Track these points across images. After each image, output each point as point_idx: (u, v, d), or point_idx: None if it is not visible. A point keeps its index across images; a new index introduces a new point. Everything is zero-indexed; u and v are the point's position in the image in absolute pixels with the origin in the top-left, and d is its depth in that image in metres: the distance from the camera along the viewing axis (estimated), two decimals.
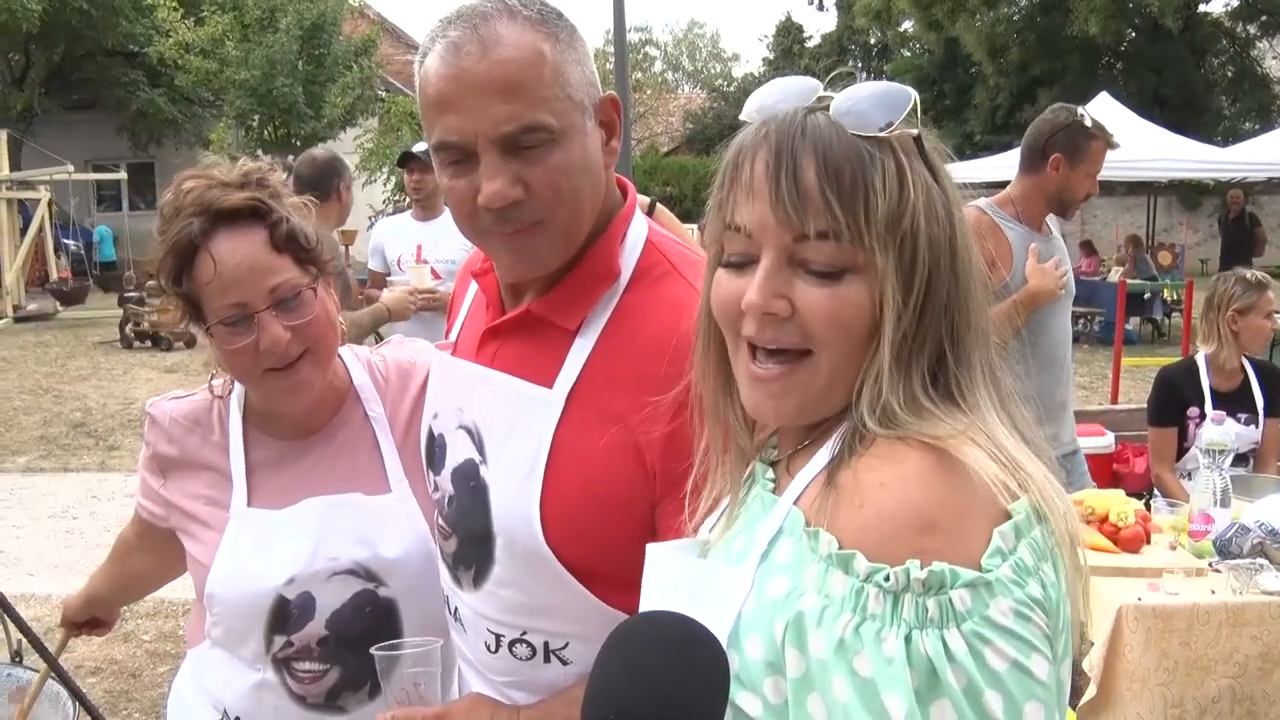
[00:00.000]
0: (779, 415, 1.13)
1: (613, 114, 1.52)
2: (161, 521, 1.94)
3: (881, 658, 0.96)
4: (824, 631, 0.99)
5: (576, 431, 1.47)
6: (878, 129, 1.07)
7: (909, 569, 0.97)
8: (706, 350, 1.22)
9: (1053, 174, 3.88)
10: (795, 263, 1.07)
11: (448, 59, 1.40)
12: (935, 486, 1.00)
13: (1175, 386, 4.67)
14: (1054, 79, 29.21)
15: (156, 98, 26.62)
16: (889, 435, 1.05)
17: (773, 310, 1.07)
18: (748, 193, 1.08)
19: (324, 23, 23.41)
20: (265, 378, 1.77)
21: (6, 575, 6.24)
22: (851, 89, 1.10)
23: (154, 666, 5.09)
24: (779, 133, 1.08)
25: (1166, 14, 26.12)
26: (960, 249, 1.11)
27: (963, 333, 1.10)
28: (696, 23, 67.31)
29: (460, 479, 1.60)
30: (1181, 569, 3.33)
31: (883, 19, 35.57)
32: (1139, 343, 15.15)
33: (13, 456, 9.40)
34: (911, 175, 1.07)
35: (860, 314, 1.06)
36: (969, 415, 1.07)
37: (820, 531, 1.03)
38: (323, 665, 1.79)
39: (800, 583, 1.03)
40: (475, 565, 1.58)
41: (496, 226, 1.44)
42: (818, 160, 1.05)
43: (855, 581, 0.99)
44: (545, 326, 1.53)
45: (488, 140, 1.39)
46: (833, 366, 1.08)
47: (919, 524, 0.99)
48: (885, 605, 0.97)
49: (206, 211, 1.72)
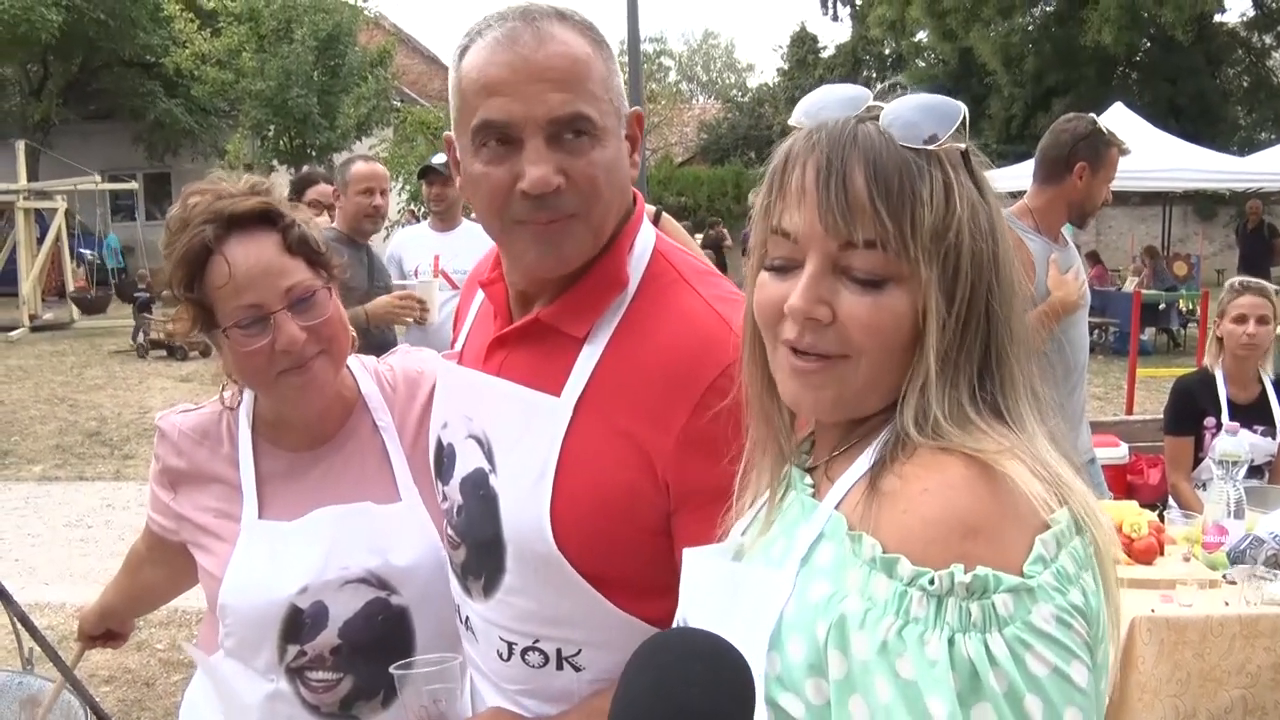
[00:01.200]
0: (817, 406, 1.14)
1: (636, 130, 1.56)
2: (172, 535, 1.95)
3: (924, 660, 0.96)
4: (867, 634, 1.00)
5: (585, 439, 1.47)
6: (925, 141, 1.08)
7: (953, 573, 0.98)
8: (753, 352, 1.23)
9: (1077, 183, 3.88)
10: (839, 270, 1.08)
11: (504, 45, 1.42)
12: (979, 494, 1.01)
13: (1192, 395, 4.63)
14: (1069, 89, 29.16)
15: (173, 108, 26.84)
16: (933, 445, 1.06)
17: (815, 315, 1.08)
18: (797, 198, 1.09)
19: (339, 33, 23.55)
20: (280, 379, 1.78)
21: (21, 584, 6.26)
22: (901, 100, 1.11)
23: (168, 675, 5.10)
24: (829, 140, 1.08)
25: (1178, 26, 26.06)
26: (1003, 264, 1.12)
27: (1005, 346, 1.11)
28: (711, 33, 67.36)
29: (469, 488, 1.60)
30: (1195, 581, 3.31)
31: (897, 29, 35.54)
32: (1154, 353, 15.09)
33: (28, 465, 9.45)
34: (958, 189, 1.08)
35: (900, 324, 1.07)
36: (1013, 430, 1.08)
37: (864, 536, 1.04)
38: (336, 674, 1.80)
39: (842, 586, 1.04)
40: (485, 574, 1.58)
41: (531, 215, 1.44)
42: (867, 169, 1.06)
43: (899, 585, 1.00)
44: (553, 334, 1.53)
45: (537, 125, 1.41)
46: (870, 371, 1.09)
47: (963, 530, 1.00)
48: (929, 609, 0.98)
49: (219, 218, 1.74)
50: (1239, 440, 3.78)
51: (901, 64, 40.22)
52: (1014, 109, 31.44)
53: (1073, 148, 3.88)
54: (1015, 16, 29.88)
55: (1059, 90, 29.52)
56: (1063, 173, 3.88)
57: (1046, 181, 3.90)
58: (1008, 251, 1.13)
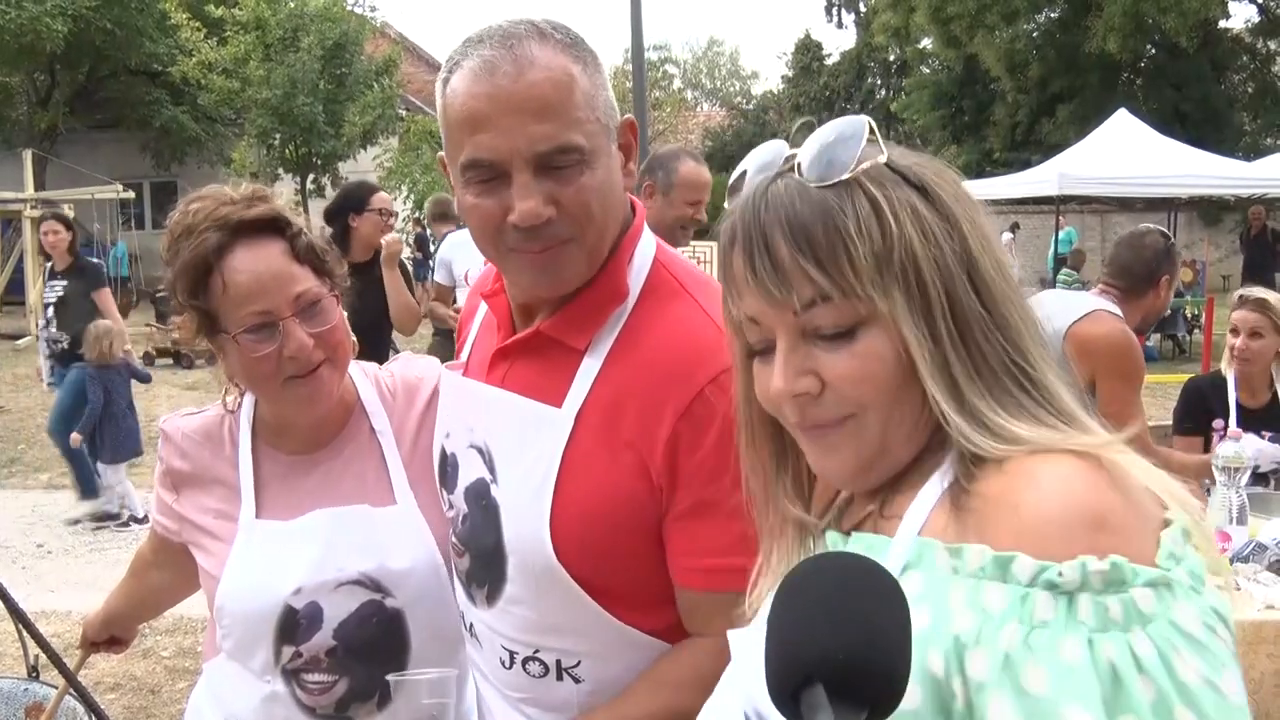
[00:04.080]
0: (841, 472, 1.08)
1: (630, 137, 1.54)
2: (175, 536, 1.97)
3: (1061, 667, 0.86)
4: (984, 650, 0.90)
5: (585, 450, 1.48)
6: (840, 174, 1.02)
7: (1084, 563, 0.88)
8: (751, 440, 1.18)
9: (1162, 294, 4.07)
10: (808, 334, 1.04)
11: (482, 77, 1.40)
12: (1100, 486, 0.92)
13: (1202, 396, 4.62)
14: (1073, 95, 29.19)
15: (179, 116, 26.88)
16: (1021, 451, 0.98)
17: (801, 390, 1.04)
18: (741, 284, 1.06)
19: (345, 42, 23.62)
20: (286, 386, 1.79)
21: (28, 591, 6.27)
22: (808, 143, 1.06)
23: (173, 683, 5.11)
24: (742, 216, 1.06)
25: (1182, 33, 26.07)
26: (977, 257, 1.05)
27: (1018, 340, 1.04)
28: (715, 40, 67.57)
29: (472, 498, 1.62)
30: None
31: (901, 36, 35.58)
32: (1160, 359, 15.07)
33: (35, 473, 9.47)
34: (888, 205, 1.02)
35: (888, 366, 1.02)
36: (1076, 425, 1.01)
37: (964, 547, 0.95)
38: (331, 676, 1.81)
39: (945, 608, 0.93)
40: (489, 583, 1.59)
41: (524, 245, 1.45)
42: (783, 230, 1.02)
43: (1017, 589, 0.90)
44: (554, 347, 1.54)
45: (523, 159, 1.40)
46: (881, 421, 1.04)
47: (1090, 520, 0.90)
48: (1059, 609, 0.88)
49: (225, 225, 1.75)
50: (1241, 446, 3.77)
51: (906, 70, 40.28)
52: (1019, 115, 31.45)
53: (1157, 264, 4.06)
54: (1019, 23, 29.91)
55: (1063, 97, 29.54)
56: (1147, 288, 4.05)
57: (1131, 294, 4.06)
58: (982, 240, 1.06)
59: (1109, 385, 3.77)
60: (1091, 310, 3.89)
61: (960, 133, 34.56)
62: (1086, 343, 3.81)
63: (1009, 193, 19.87)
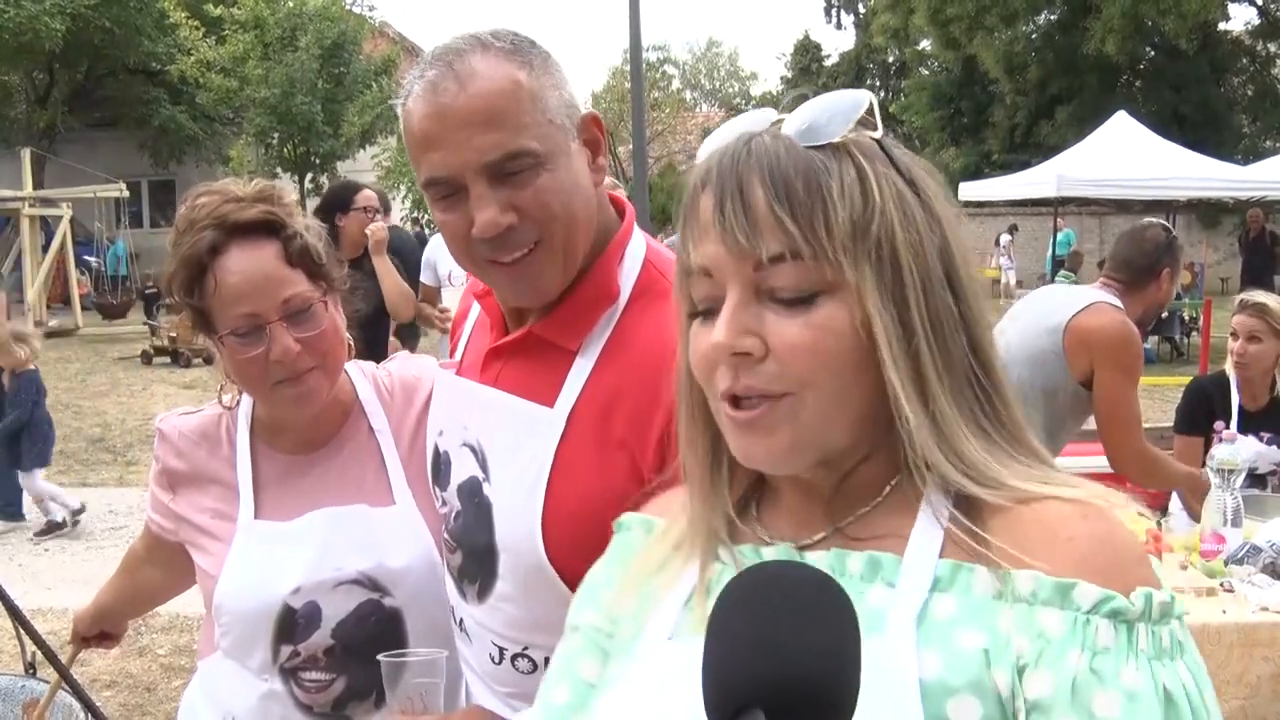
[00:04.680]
0: (772, 456, 1.01)
1: (595, 131, 1.55)
2: (171, 535, 1.97)
3: (1125, 693, 0.88)
4: (1045, 672, 0.90)
5: (577, 450, 1.49)
6: (831, 138, 0.99)
7: (1149, 594, 0.91)
8: (692, 419, 1.10)
9: (1164, 287, 4.05)
10: (762, 294, 0.97)
11: (427, 97, 1.44)
12: (1124, 526, 0.97)
13: (1206, 396, 4.62)
14: (1072, 97, 29.22)
15: (177, 115, 26.92)
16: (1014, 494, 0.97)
17: (742, 348, 0.97)
18: (703, 231, 1.00)
19: (344, 42, 23.64)
20: (275, 389, 1.79)
21: (24, 589, 6.27)
22: (804, 105, 1.02)
23: (168, 680, 5.12)
24: (720, 161, 1.00)
25: (1181, 35, 26.09)
26: (956, 257, 1.02)
27: (987, 350, 1.02)
28: (715, 41, 67.40)
29: (465, 495, 1.62)
30: (1192, 589, 3.32)
31: (900, 37, 35.63)
32: (1157, 362, 15.08)
33: None
34: (875, 179, 0.98)
35: (843, 343, 0.96)
36: (1029, 457, 1.01)
37: (1015, 573, 0.93)
38: (329, 675, 1.81)
39: (996, 630, 0.92)
40: (480, 579, 1.60)
41: (493, 254, 1.47)
42: (763, 178, 0.96)
43: (1076, 614, 0.91)
44: (547, 347, 1.55)
45: (474, 171, 1.42)
46: (821, 404, 0.98)
47: (1139, 553, 0.94)
48: (1120, 636, 0.90)
49: (222, 224, 1.75)
50: (1236, 449, 3.78)
51: (905, 72, 40.32)
52: (1018, 117, 31.47)
53: (1158, 256, 4.04)
54: (1018, 25, 29.94)
55: (1062, 98, 29.57)
56: (1149, 280, 4.04)
57: (1134, 290, 4.05)
58: (962, 246, 1.03)
59: (1107, 375, 3.77)
60: (1092, 302, 3.89)
61: (959, 134, 34.59)
62: (1086, 334, 3.81)
63: (1007, 194, 19.91)
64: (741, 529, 1.11)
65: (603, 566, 1.23)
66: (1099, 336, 3.79)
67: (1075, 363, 3.79)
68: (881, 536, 1.01)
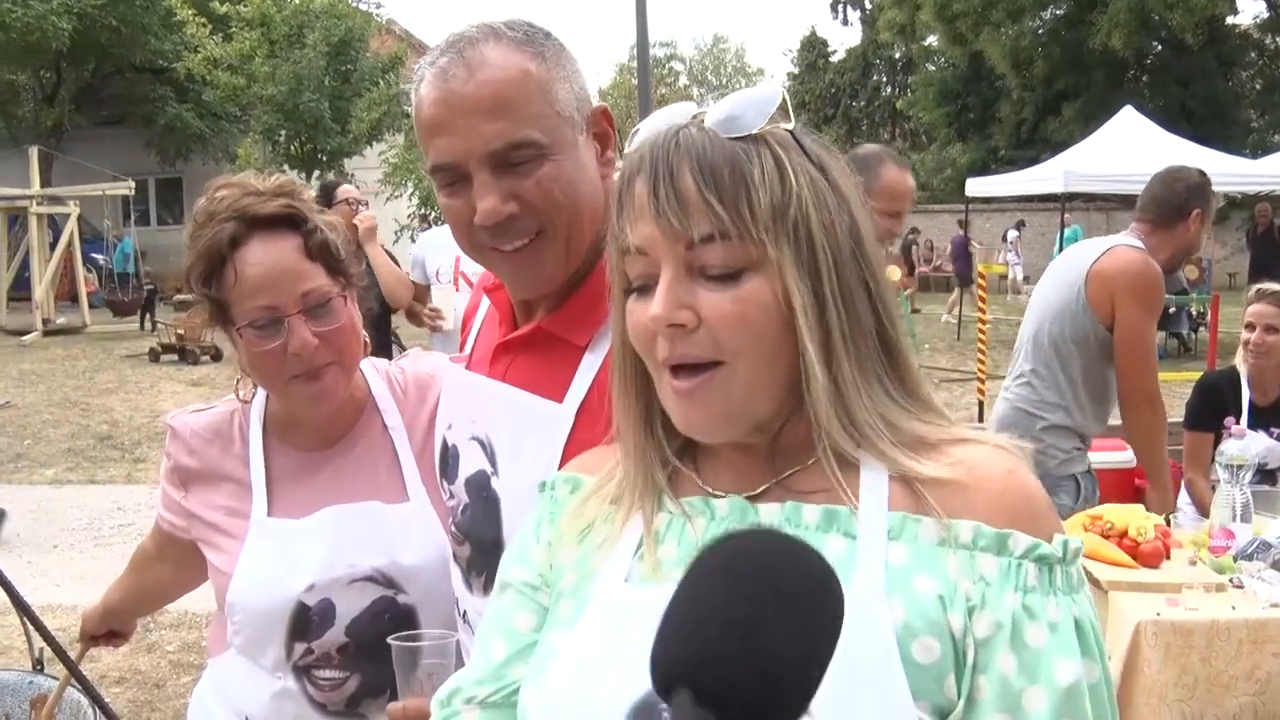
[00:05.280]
0: (709, 424, 1.11)
1: (605, 125, 1.56)
2: (183, 533, 1.97)
3: (1049, 624, 1.02)
4: (989, 612, 1.02)
5: (586, 445, 1.48)
6: (750, 130, 1.09)
7: (1066, 540, 1.05)
8: (625, 386, 1.20)
9: (1192, 228, 4.02)
10: (694, 271, 1.08)
11: (436, 84, 1.45)
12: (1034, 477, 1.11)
13: (1217, 392, 4.62)
14: (1079, 92, 29.15)
15: (184, 113, 26.97)
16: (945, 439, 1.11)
17: (678, 320, 1.07)
18: (637, 214, 1.10)
19: (351, 39, 23.62)
20: (291, 384, 1.80)
21: (34, 585, 6.29)
22: (724, 100, 1.12)
23: (177, 677, 5.13)
24: (654, 150, 1.10)
25: (1188, 30, 25.99)
26: (865, 238, 1.13)
27: (892, 324, 1.14)
28: (721, 38, 67.26)
29: (473, 489, 1.63)
30: (1201, 585, 3.31)
31: (907, 33, 35.56)
32: (1165, 357, 15.02)
33: (40, 469, 9.50)
34: (791, 166, 1.09)
35: (767, 314, 1.07)
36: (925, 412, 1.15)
37: (958, 522, 1.05)
38: (343, 673, 1.81)
39: (946, 576, 1.04)
40: (487, 572, 1.60)
41: (494, 242, 1.48)
42: (692, 166, 1.07)
43: (1010, 560, 1.04)
44: (555, 342, 1.55)
45: (478, 159, 1.43)
46: (750, 372, 1.08)
47: (1049, 502, 1.10)
48: (1044, 577, 1.03)
49: (243, 216, 1.76)
50: (1245, 444, 3.77)
51: (911, 68, 40.24)
52: (1024, 113, 31.40)
53: (1188, 196, 4.02)
54: (1025, 20, 29.86)
55: (1069, 94, 29.49)
56: (1177, 220, 4.01)
57: (1162, 228, 4.03)
58: (867, 224, 1.14)
59: (1124, 309, 3.80)
60: (1110, 248, 3.92)
61: (966, 130, 34.52)
62: (1106, 278, 3.85)
63: (1014, 190, 19.85)
64: (682, 482, 1.20)
65: (530, 525, 1.31)
66: (1118, 275, 3.83)
67: (1099, 308, 3.84)
68: (826, 490, 1.10)
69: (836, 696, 0.90)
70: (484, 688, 1.22)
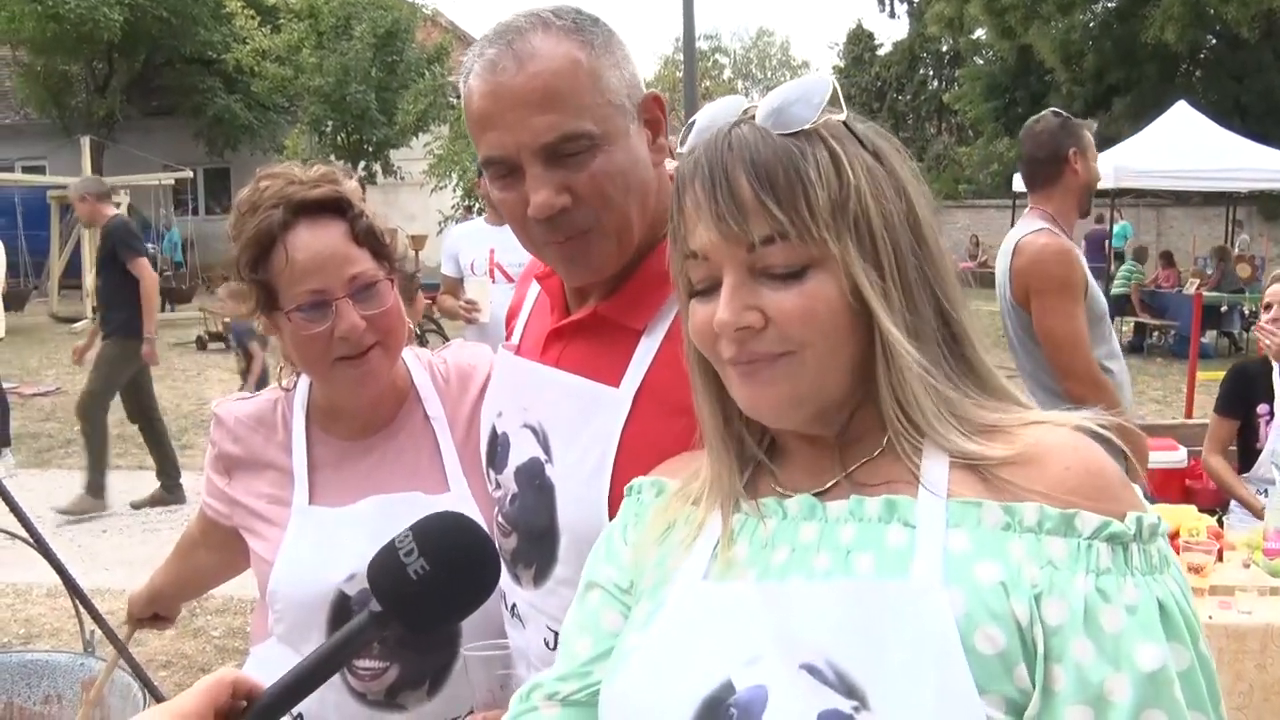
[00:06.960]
0: (776, 405, 1.11)
1: (657, 111, 1.54)
2: (225, 519, 1.98)
3: (1126, 608, 0.98)
4: (1058, 597, 0.98)
5: (643, 429, 1.47)
6: (803, 124, 1.08)
7: (1140, 517, 1.01)
8: (705, 384, 1.21)
9: (1077, 170, 3.92)
10: (757, 272, 1.08)
11: (486, 76, 1.43)
12: (1106, 455, 1.06)
13: (1248, 379, 4.61)
14: (1130, 87, 28.70)
15: (233, 104, 27.22)
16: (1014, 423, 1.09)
17: (745, 324, 1.08)
18: (695, 218, 1.10)
19: (397, 30, 23.72)
20: (336, 367, 1.81)
21: (84, 569, 6.39)
22: (772, 94, 1.12)
23: (222, 661, 5.19)
24: (708, 153, 1.10)
25: (1243, 23, 25.53)
26: (924, 225, 1.12)
27: (953, 302, 1.12)
28: (765, 31, 67.18)
29: (524, 477, 1.61)
30: (1255, 588, 3.25)
31: (955, 26, 35.17)
32: (1215, 357, 14.82)
33: None
34: (847, 159, 1.08)
35: (833, 307, 1.07)
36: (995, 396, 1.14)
37: (1019, 505, 1.03)
38: (383, 663, 1.81)
39: (1010, 561, 1.01)
40: (537, 563, 1.59)
41: (548, 236, 1.47)
42: (746, 168, 1.06)
43: (1079, 541, 1.00)
44: (611, 327, 1.54)
45: (530, 152, 1.42)
46: (819, 361, 1.09)
47: (1124, 479, 1.04)
48: (1118, 557, 0.99)
49: (289, 203, 1.78)
50: None
51: (959, 61, 39.84)
52: (1074, 107, 30.88)
53: (1056, 143, 3.93)
54: (1075, 13, 29.40)
55: (1120, 89, 29.05)
56: (1060, 169, 3.93)
57: (1050, 184, 3.95)
58: (928, 213, 1.13)
59: (1037, 303, 3.73)
60: (1016, 244, 3.84)
61: (1013, 124, 34.07)
62: (1019, 273, 3.79)
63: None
64: (760, 482, 1.21)
65: (618, 527, 1.32)
66: (1026, 271, 3.77)
67: (1026, 305, 3.79)
68: (891, 481, 1.10)
69: (897, 688, 0.98)
70: (567, 684, 1.23)
